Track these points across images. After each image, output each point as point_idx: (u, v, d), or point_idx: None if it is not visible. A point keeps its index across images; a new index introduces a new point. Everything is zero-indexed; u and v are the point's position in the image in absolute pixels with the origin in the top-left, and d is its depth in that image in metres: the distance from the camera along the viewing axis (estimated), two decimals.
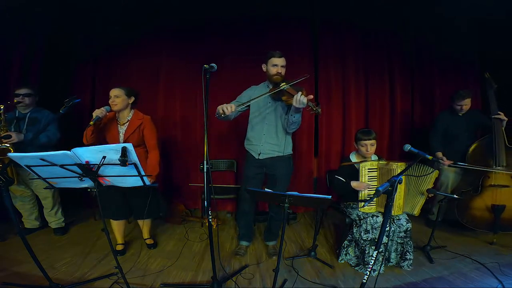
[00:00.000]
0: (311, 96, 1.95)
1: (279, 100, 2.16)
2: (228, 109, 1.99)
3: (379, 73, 3.65)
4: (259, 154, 2.29)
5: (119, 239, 2.47)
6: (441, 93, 3.63)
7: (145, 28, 3.48)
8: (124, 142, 2.21)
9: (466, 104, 2.73)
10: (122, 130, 2.27)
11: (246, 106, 2.24)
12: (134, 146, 2.19)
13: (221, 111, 2.00)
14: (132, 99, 2.30)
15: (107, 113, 2.17)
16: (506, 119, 2.56)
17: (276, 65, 2.17)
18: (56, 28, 3.29)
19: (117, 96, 2.19)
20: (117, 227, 2.43)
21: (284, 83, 2.11)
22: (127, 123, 2.27)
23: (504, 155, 2.51)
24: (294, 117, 2.12)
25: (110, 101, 2.19)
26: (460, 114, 2.80)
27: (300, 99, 1.90)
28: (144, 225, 2.54)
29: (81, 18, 3.42)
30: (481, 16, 3.26)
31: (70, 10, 3.33)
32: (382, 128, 3.63)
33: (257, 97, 2.13)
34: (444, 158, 2.72)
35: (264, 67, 2.26)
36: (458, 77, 3.64)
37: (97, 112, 2.08)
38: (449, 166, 2.70)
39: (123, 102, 2.22)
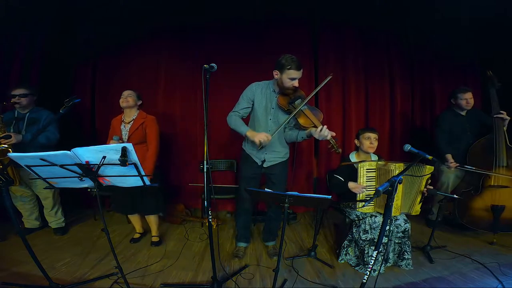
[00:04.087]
0: (334, 133, 1.89)
1: (284, 111, 2.12)
2: (266, 139, 1.95)
3: (379, 73, 3.65)
4: (262, 162, 2.24)
5: (137, 229, 2.73)
6: (441, 93, 3.63)
7: (145, 28, 3.48)
8: (128, 139, 2.41)
9: (471, 97, 2.70)
10: (126, 128, 2.45)
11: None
12: (137, 143, 2.34)
13: (258, 143, 1.96)
14: (140, 101, 2.57)
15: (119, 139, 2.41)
16: (509, 118, 2.54)
17: (295, 78, 1.99)
18: (56, 28, 3.30)
19: (130, 96, 2.47)
20: (132, 218, 2.69)
21: (299, 101, 2.04)
22: (132, 122, 2.46)
23: (505, 154, 2.50)
24: (302, 139, 2.10)
25: (122, 99, 2.45)
26: (463, 114, 2.79)
27: (324, 133, 1.84)
28: (151, 222, 2.63)
29: (81, 18, 3.42)
30: (481, 16, 3.26)
31: (70, 10, 3.33)
32: (382, 128, 3.63)
33: (281, 124, 2.07)
34: (452, 161, 2.66)
35: (276, 75, 2.03)
36: (458, 77, 3.64)
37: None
38: (456, 168, 2.64)
39: (134, 101, 2.49)
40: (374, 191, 2.14)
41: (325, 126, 1.86)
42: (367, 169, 2.17)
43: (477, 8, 3.19)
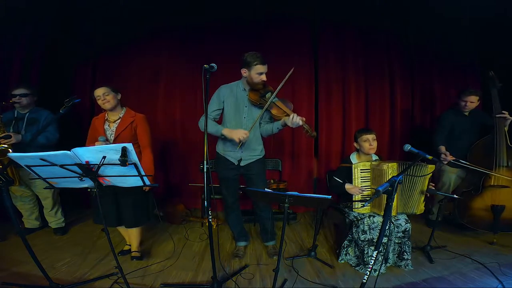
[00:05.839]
0: (304, 118, 1.93)
1: (257, 106, 2.14)
2: (245, 136, 2.00)
3: (379, 73, 3.65)
4: (239, 161, 2.21)
5: (127, 240, 2.43)
6: (441, 93, 3.63)
7: (145, 28, 3.48)
8: (115, 139, 2.15)
9: (471, 101, 2.68)
10: (112, 128, 2.18)
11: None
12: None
13: (238, 141, 2.01)
14: (119, 95, 2.24)
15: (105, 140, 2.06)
16: (511, 118, 2.53)
17: (262, 73, 2.04)
18: (56, 28, 3.30)
19: (106, 94, 2.13)
20: (121, 231, 2.38)
21: (270, 94, 2.08)
22: (119, 120, 2.19)
23: (505, 154, 2.50)
24: (278, 129, 2.13)
25: (100, 101, 2.14)
26: (465, 113, 2.78)
27: (296, 121, 1.90)
28: (133, 235, 2.30)
29: (81, 18, 3.42)
30: (481, 16, 3.26)
31: (70, 10, 3.33)
32: (382, 128, 3.63)
33: (257, 119, 2.11)
34: (447, 153, 2.61)
35: (245, 73, 2.07)
36: (458, 77, 3.64)
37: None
38: (450, 163, 2.62)
39: (114, 98, 2.17)
40: (369, 191, 2.16)
41: (295, 115, 1.91)
42: (361, 169, 2.17)
43: (477, 8, 3.19)
